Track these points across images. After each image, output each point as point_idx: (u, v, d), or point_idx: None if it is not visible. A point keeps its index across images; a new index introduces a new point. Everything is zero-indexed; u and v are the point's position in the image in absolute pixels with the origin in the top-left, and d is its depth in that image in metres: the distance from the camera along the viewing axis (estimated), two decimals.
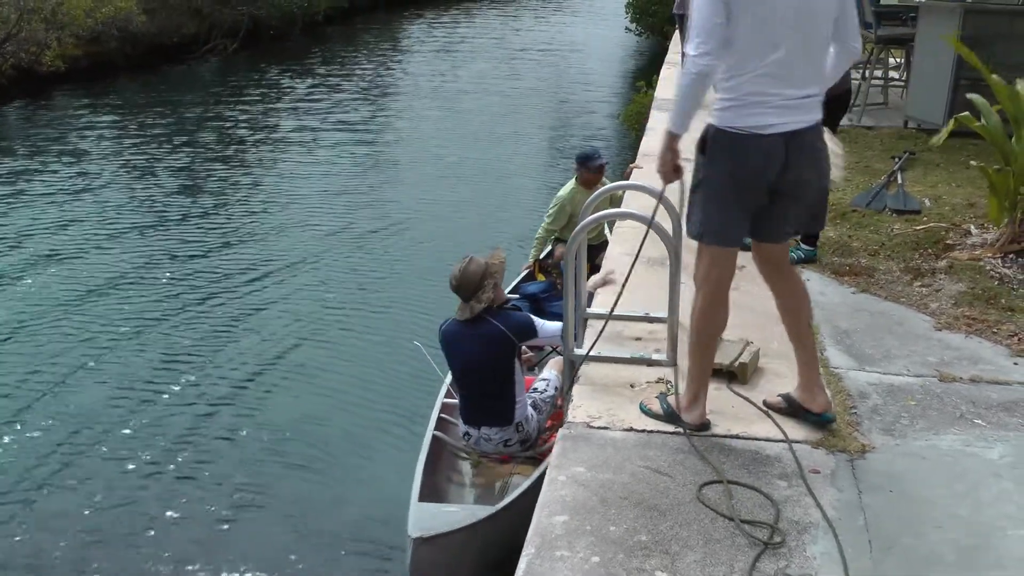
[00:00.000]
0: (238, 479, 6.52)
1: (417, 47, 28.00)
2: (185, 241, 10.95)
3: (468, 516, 5.13)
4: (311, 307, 9.27)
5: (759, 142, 3.81)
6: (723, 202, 3.95)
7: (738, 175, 3.88)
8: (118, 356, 8.11)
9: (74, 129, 16.43)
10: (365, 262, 10.57)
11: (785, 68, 3.77)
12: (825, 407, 4.29)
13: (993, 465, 4.06)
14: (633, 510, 3.67)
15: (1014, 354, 5.11)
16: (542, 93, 20.47)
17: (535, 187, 13.30)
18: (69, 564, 5.64)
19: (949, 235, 6.83)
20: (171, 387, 7.65)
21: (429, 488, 5.47)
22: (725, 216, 3.97)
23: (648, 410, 4.40)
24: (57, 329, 8.61)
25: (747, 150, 3.83)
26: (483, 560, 5.19)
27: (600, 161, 8.19)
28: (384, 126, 17.48)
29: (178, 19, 24.04)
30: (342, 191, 13.27)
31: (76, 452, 6.73)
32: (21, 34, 19.25)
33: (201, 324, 8.80)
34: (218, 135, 16.35)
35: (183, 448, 6.83)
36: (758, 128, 3.80)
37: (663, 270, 4.94)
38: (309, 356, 8.26)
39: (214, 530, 5.99)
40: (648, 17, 25.10)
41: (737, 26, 3.70)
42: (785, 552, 3.44)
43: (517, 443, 5.68)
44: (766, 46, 3.73)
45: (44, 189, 12.85)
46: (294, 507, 6.21)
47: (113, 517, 6.08)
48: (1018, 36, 9.16)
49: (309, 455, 6.81)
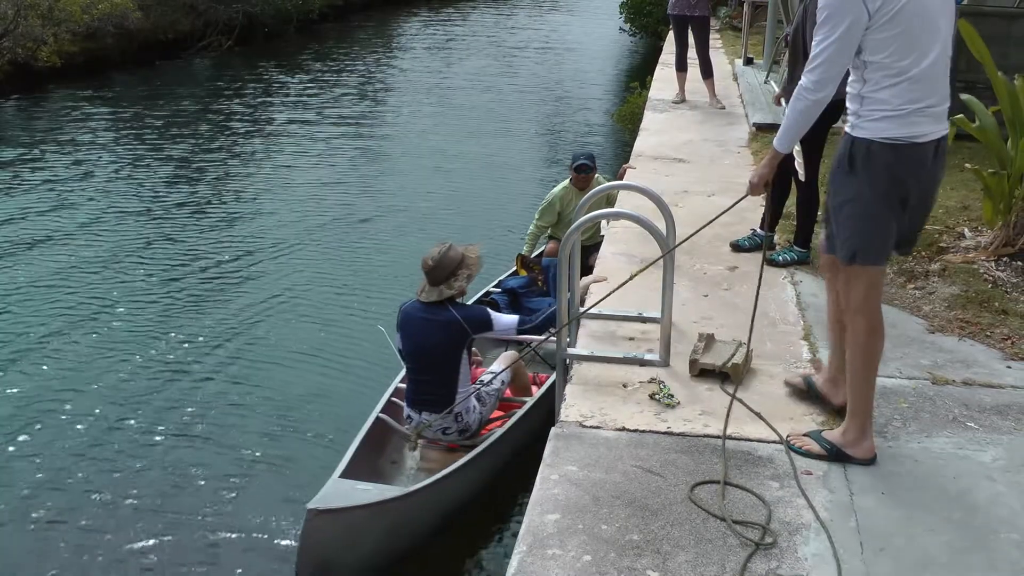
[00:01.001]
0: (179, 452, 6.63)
1: (412, 45, 28.00)
2: (178, 233, 10.96)
3: (374, 495, 5.18)
4: (291, 293, 9.42)
5: (918, 151, 3.77)
6: (880, 218, 3.86)
7: (896, 188, 3.81)
8: (109, 342, 8.17)
9: (70, 124, 16.40)
10: (349, 252, 10.69)
11: (933, 77, 3.76)
12: (844, 403, 4.32)
13: (986, 468, 4.06)
14: (625, 509, 3.67)
15: (1007, 357, 5.11)
16: (536, 91, 20.46)
17: (526, 185, 13.33)
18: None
19: (943, 238, 6.83)
20: (153, 366, 7.80)
21: (360, 467, 5.53)
22: (884, 232, 3.89)
23: (807, 452, 4.13)
24: (51, 317, 8.67)
25: (906, 160, 3.77)
26: (387, 542, 5.24)
27: (579, 162, 8.17)
28: (377, 123, 17.47)
29: (173, 16, 24.00)
30: (334, 185, 13.31)
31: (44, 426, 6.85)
32: (18, 30, 19.21)
33: (189, 311, 8.88)
34: (212, 130, 16.34)
35: (142, 420, 7.00)
36: (918, 137, 3.75)
37: (656, 271, 4.93)
38: (279, 339, 8.39)
39: (162, 503, 6.04)
40: (642, 18, 25.09)
41: (890, 35, 3.68)
42: (776, 553, 3.44)
43: (456, 432, 5.77)
44: (920, 56, 3.71)
45: (40, 184, 12.82)
46: (223, 483, 6.24)
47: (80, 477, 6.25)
48: (1015, 38, 9.18)
49: (258, 429, 6.90)
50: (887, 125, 3.74)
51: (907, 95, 3.72)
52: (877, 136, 3.76)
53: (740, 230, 6.63)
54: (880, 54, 3.71)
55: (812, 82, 3.81)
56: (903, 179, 3.78)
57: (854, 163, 3.82)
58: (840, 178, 3.91)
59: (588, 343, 5.22)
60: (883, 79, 3.73)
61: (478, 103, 19.23)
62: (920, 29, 3.71)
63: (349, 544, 5.02)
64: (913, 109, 3.73)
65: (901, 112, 3.72)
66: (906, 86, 3.71)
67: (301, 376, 7.67)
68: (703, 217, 4.40)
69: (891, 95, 3.73)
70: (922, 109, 3.74)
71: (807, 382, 4.57)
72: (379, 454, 5.88)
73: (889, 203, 3.82)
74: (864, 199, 3.84)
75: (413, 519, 5.36)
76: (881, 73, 3.73)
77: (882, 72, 3.73)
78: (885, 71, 3.72)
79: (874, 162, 3.77)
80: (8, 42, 19.00)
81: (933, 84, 3.76)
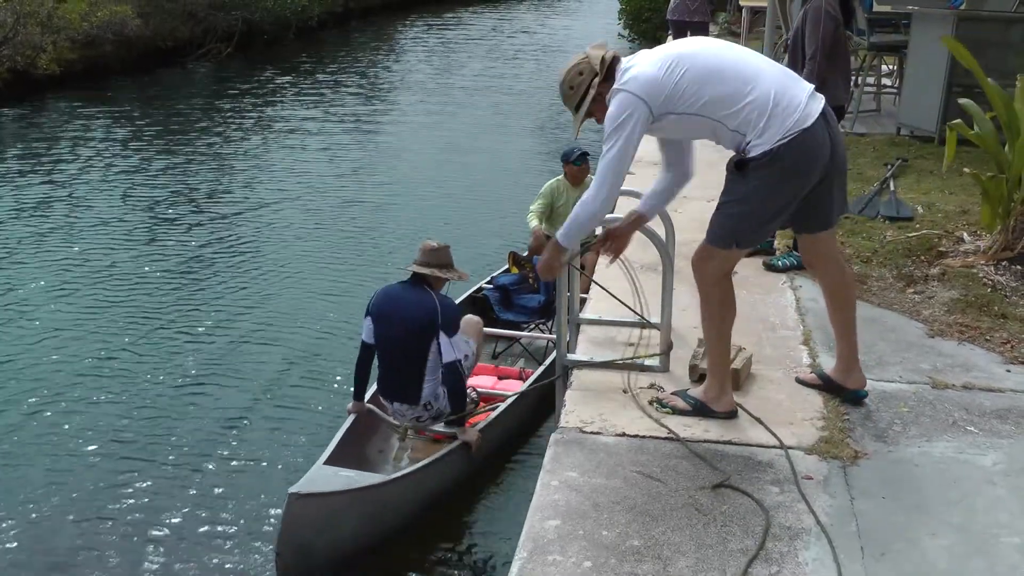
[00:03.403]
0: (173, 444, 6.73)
1: (411, 51, 28.00)
2: (177, 238, 10.96)
3: (355, 481, 5.35)
4: (286, 289, 9.60)
5: (814, 134, 3.92)
6: (764, 216, 4.14)
7: (797, 181, 4.01)
8: (108, 345, 8.22)
9: (69, 132, 16.38)
10: (346, 251, 10.81)
11: (774, 81, 3.96)
12: (860, 384, 4.55)
13: (986, 472, 4.06)
14: (625, 515, 3.67)
15: (1007, 361, 5.12)
16: (534, 97, 20.46)
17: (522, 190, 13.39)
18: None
19: (942, 242, 6.84)
20: (159, 363, 7.93)
21: (346, 454, 5.69)
22: (766, 226, 4.26)
23: (674, 407, 4.46)
24: (50, 319, 8.71)
25: (810, 147, 3.93)
26: (365, 527, 5.36)
27: (577, 154, 8.30)
28: (376, 128, 17.46)
29: (172, 23, 23.97)
30: (334, 189, 13.35)
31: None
32: (17, 38, 19.18)
33: (186, 314, 8.94)
34: (212, 138, 16.33)
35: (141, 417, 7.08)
36: (805, 121, 3.90)
37: (656, 276, 4.94)
38: (273, 333, 8.54)
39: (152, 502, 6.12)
40: (641, 23, 25.11)
41: (701, 89, 3.93)
42: (777, 558, 3.44)
43: (429, 419, 5.89)
44: (747, 79, 3.94)
45: (39, 190, 12.82)
46: (208, 469, 6.39)
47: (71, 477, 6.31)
48: (1012, 43, 9.20)
49: (254, 415, 7.07)
50: (771, 133, 3.89)
51: (765, 108, 3.89)
52: (773, 143, 3.89)
53: None
54: (714, 106, 3.92)
55: (595, 195, 4.09)
56: (804, 169, 3.95)
57: (743, 168, 3.99)
58: (730, 181, 4.09)
59: (588, 349, 5.22)
60: (739, 114, 3.92)
61: (475, 109, 19.26)
62: (726, 64, 3.97)
63: (328, 528, 5.16)
64: (783, 108, 3.89)
65: (773, 118, 3.89)
66: (759, 103, 3.90)
67: (293, 366, 7.84)
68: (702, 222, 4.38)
69: (756, 116, 3.90)
70: (787, 106, 3.90)
71: (821, 376, 4.66)
72: (366, 442, 6.04)
73: (778, 199, 4.03)
74: (750, 199, 4.03)
75: (392, 506, 5.51)
76: (733, 114, 3.92)
77: (732, 110, 3.92)
78: (732, 108, 3.92)
79: (767, 165, 3.92)
80: (7, 50, 19.00)
81: (780, 84, 3.95)
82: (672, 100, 3.93)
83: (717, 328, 4.31)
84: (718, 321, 4.29)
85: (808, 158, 3.94)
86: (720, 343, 4.34)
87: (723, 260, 4.23)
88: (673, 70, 3.93)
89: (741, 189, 4.03)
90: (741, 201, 4.05)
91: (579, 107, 4.21)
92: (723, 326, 4.31)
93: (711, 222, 4.20)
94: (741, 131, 3.95)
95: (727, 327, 4.32)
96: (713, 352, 4.37)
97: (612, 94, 4.03)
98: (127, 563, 5.44)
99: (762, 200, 4.02)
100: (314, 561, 5.11)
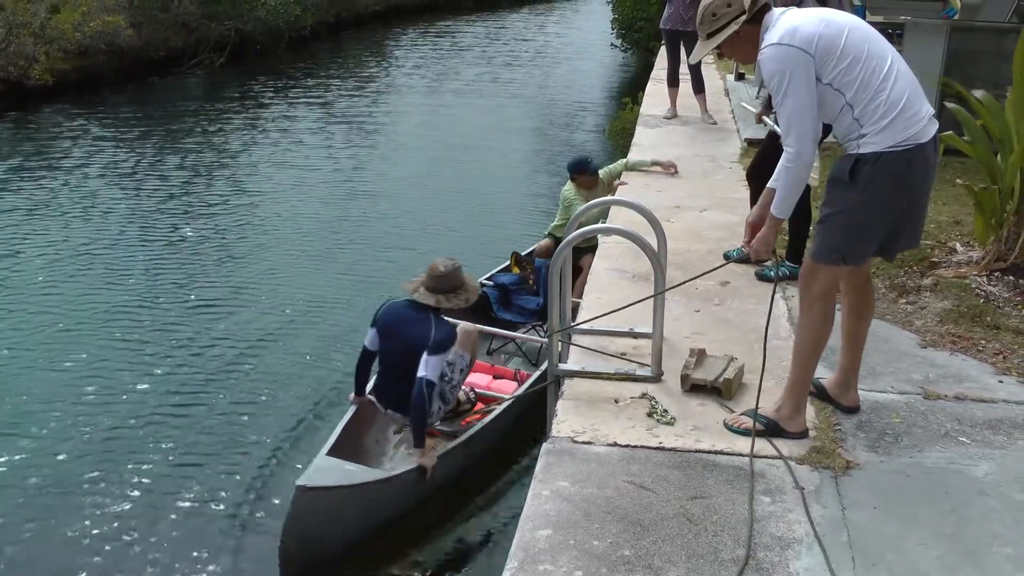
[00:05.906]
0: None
1: (403, 60, 27.99)
2: (171, 247, 10.98)
3: (359, 476, 5.47)
4: (284, 290, 9.80)
5: (922, 152, 3.93)
6: (870, 228, 4.06)
7: (900, 194, 3.98)
8: (106, 349, 8.32)
9: (63, 142, 16.34)
10: (344, 254, 10.98)
11: (906, 86, 3.93)
12: (854, 403, 4.53)
13: (978, 483, 4.05)
14: (616, 525, 3.66)
15: (999, 372, 5.11)
16: (527, 107, 20.50)
17: (519, 197, 13.52)
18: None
19: (935, 253, 6.84)
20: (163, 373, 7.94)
21: (347, 446, 5.83)
22: (872, 240, 4.13)
23: (745, 431, 4.34)
24: (47, 324, 8.79)
25: (916, 163, 3.93)
26: (366, 521, 5.55)
27: (591, 165, 8.42)
28: (369, 136, 17.47)
29: (165, 33, 23.96)
30: (327, 200, 13.38)
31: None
32: (10, 48, 19.18)
33: (183, 317, 9.06)
34: (205, 147, 16.32)
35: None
36: (921, 137, 3.92)
37: (648, 286, 4.93)
38: (273, 332, 8.75)
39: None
40: (634, 33, 25.14)
41: (847, 66, 3.86)
42: (768, 568, 3.43)
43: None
44: (888, 74, 3.89)
45: (32, 201, 12.78)
46: (209, 459, 6.61)
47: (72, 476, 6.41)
48: (1005, 54, 9.20)
49: (245, 410, 7.28)
50: (890, 135, 3.85)
51: (895, 108, 3.84)
52: (884, 147, 3.85)
53: (734, 244, 6.62)
54: (853, 87, 3.85)
55: (793, 153, 3.93)
56: (912, 185, 3.92)
57: (856, 176, 3.91)
58: (839, 190, 4.01)
59: (580, 358, 5.21)
60: (869, 103, 3.86)
61: (469, 118, 19.29)
62: (874, 51, 3.89)
63: (332, 520, 5.29)
64: (908, 116, 3.87)
65: (897, 120, 3.84)
66: (891, 100, 3.85)
67: (293, 365, 8.04)
68: (695, 232, 4.40)
69: (883, 112, 3.85)
70: (913, 115, 3.89)
71: (816, 387, 4.60)
72: (365, 433, 6.15)
73: (885, 212, 3.97)
74: (861, 210, 3.95)
75: (392, 501, 5.68)
76: (866, 100, 3.86)
77: (865, 97, 3.86)
78: (866, 94, 3.85)
79: (881, 173, 3.87)
80: (0, 60, 18.98)
81: (913, 92, 3.92)
82: (826, 65, 3.85)
83: (812, 345, 4.21)
84: (814, 337, 4.19)
85: (917, 173, 3.92)
86: (809, 361, 4.24)
87: (828, 276, 4.13)
88: (839, 33, 3.86)
89: (853, 197, 3.95)
90: (851, 211, 3.97)
91: (712, 36, 4.08)
92: (818, 344, 4.21)
93: (815, 237, 4.14)
94: (861, 121, 3.88)
95: (821, 346, 4.22)
96: (798, 369, 4.27)
97: (770, 48, 3.91)
98: (127, 557, 5.55)
99: (874, 210, 3.96)
100: (315, 552, 5.26)
